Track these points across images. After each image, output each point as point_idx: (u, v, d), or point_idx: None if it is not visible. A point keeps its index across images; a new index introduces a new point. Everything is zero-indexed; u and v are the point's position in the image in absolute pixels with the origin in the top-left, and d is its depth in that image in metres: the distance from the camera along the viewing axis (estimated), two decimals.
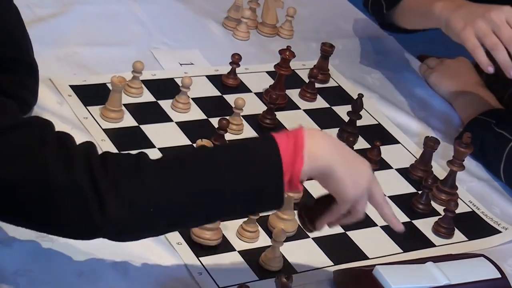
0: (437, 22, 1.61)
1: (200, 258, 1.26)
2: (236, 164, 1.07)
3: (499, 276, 1.28)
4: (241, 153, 1.10)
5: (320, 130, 1.24)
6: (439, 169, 1.55)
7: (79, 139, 1.37)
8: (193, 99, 1.56)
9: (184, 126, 1.50)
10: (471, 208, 1.51)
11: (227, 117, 1.50)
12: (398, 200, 1.48)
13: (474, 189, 1.56)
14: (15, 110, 1.06)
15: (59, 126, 1.38)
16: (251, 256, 1.28)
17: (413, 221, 1.45)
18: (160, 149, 1.43)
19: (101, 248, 1.23)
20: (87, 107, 1.48)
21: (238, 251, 1.29)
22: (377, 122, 1.66)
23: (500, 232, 1.47)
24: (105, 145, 1.41)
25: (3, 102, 1.04)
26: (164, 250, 1.26)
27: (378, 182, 1.18)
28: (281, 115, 1.58)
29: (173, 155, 1.22)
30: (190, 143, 1.47)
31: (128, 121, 1.48)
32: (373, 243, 1.38)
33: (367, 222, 1.41)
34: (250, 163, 1.07)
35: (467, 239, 1.44)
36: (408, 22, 1.75)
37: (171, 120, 1.51)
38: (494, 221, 1.49)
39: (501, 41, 1.48)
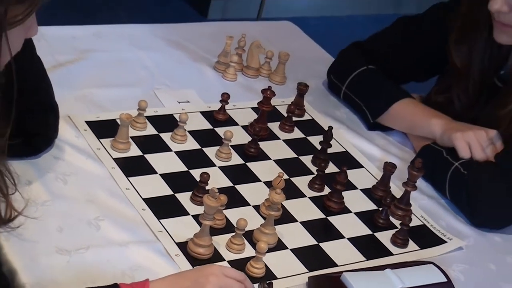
0: (431, 134, 1.63)
1: (195, 268, 1.25)
2: None
3: (445, 280, 1.29)
4: None
5: (169, 282, 1.13)
6: (396, 189, 1.55)
7: (92, 167, 1.42)
8: (189, 131, 1.56)
9: (182, 155, 1.50)
10: (423, 222, 1.51)
11: (218, 147, 1.52)
12: (362, 215, 1.48)
13: (425, 205, 1.56)
14: None
15: (76, 156, 1.42)
16: (238, 265, 1.28)
17: (374, 234, 1.45)
18: (161, 175, 1.44)
19: (112, 259, 1.24)
20: (100, 140, 1.48)
21: (227, 261, 1.29)
22: (344, 150, 1.65)
23: (446, 242, 1.47)
24: (115, 172, 1.41)
25: None
26: (165, 261, 1.26)
27: (228, 277, 1.14)
28: (263, 145, 1.58)
29: None
30: (187, 169, 1.47)
31: (135, 151, 1.48)
32: (341, 253, 1.38)
33: (336, 235, 1.42)
34: None
35: (419, 248, 1.44)
36: (394, 125, 1.72)
37: (170, 150, 1.51)
38: (441, 232, 1.49)
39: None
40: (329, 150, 1.59)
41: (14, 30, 1.04)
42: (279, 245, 1.36)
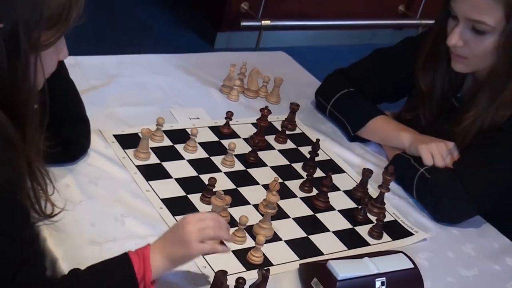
0: (401, 145, 1.63)
1: (204, 256, 1.26)
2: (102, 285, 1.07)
3: (412, 266, 1.30)
4: (105, 275, 1.08)
5: (161, 241, 1.14)
6: (373, 191, 1.56)
7: (119, 173, 1.41)
8: (199, 143, 1.56)
9: (193, 163, 1.51)
10: (394, 218, 1.52)
11: (223, 156, 1.53)
12: (345, 212, 1.49)
13: (396, 204, 1.57)
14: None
15: (105, 164, 1.42)
16: (241, 254, 1.29)
17: (354, 227, 1.45)
18: (176, 179, 1.44)
19: (132, 247, 1.23)
20: (125, 150, 1.49)
21: (232, 251, 1.29)
22: (329, 158, 1.66)
23: (413, 234, 1.48)
24: (137, 177, 1.42)
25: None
26: None
27: (206, 228, 1.14)
28: (261, 154, 1.59)
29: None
30: (197, 174, 1.47)
31: (153, 159, 1.49)
32: (327, 243, 1.39)
33: (323, 229, 1.42)
34: (114, 283, 1.08)
35: (391, 240, 1.45)
36: (370, 138, 1.72)
37: (183, 159, 1.52)
38: (409, 226, 1.50)
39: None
40: (317, 158, 1.59)
41: (48, 51, 1.06)
42: (275, 237, 1.37)
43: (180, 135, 1.58)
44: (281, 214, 1.43)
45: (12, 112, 1.03)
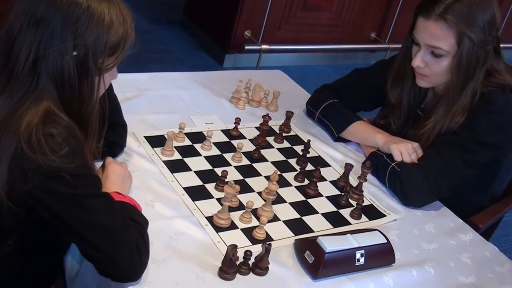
0: (376, 144, 1.63)
1: (218, 233, 1.27)
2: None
3: (386, 241, 1.30)
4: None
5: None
6: (353, 181, 1.55)
7: (149, 166, 1.39)
8: (214, 143, 1.56)
9: (208, 158, 1.50)
10: (371, 202, 1.51)
11: (233, 153, 1.52)
12: (331, 198, 1.48)
13: (372, 191, 1.56)
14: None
15: (138, 159, 1.40)
16: (248, 231, 1.29)
17: (339, 210, 1.45)
18: (195, 172, 1.44)
19: (163, 228, 1.24)
20: (153, 148, 1.48)
21: (240, 229, 1.30)
22: (318, 155, 1.65)
23: (386, 215, 1.48)
24: (164, 170, 1.42)
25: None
26: (197, 229, 1.27)
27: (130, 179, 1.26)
28: (263, 152, 1.58)
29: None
30: (212, 168, 1.47)
31: (177, 156, 1.48)
32: (316, 223, 1.38)
33: (313, 211, 1.41)
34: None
35: (368, 220, 1.45)
36: (351, 138, 1.70)
37: (200, 155, 1.51)
38: (383, 209, 1.49)
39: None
40: (308, 155, 1.59)
41: (106, 74, 1.08)
42: (275, 218, 1.36)
43: (198, 137, 1.58)
44: (279, 200, 1.43)
45: (78, 120, 1.05)
